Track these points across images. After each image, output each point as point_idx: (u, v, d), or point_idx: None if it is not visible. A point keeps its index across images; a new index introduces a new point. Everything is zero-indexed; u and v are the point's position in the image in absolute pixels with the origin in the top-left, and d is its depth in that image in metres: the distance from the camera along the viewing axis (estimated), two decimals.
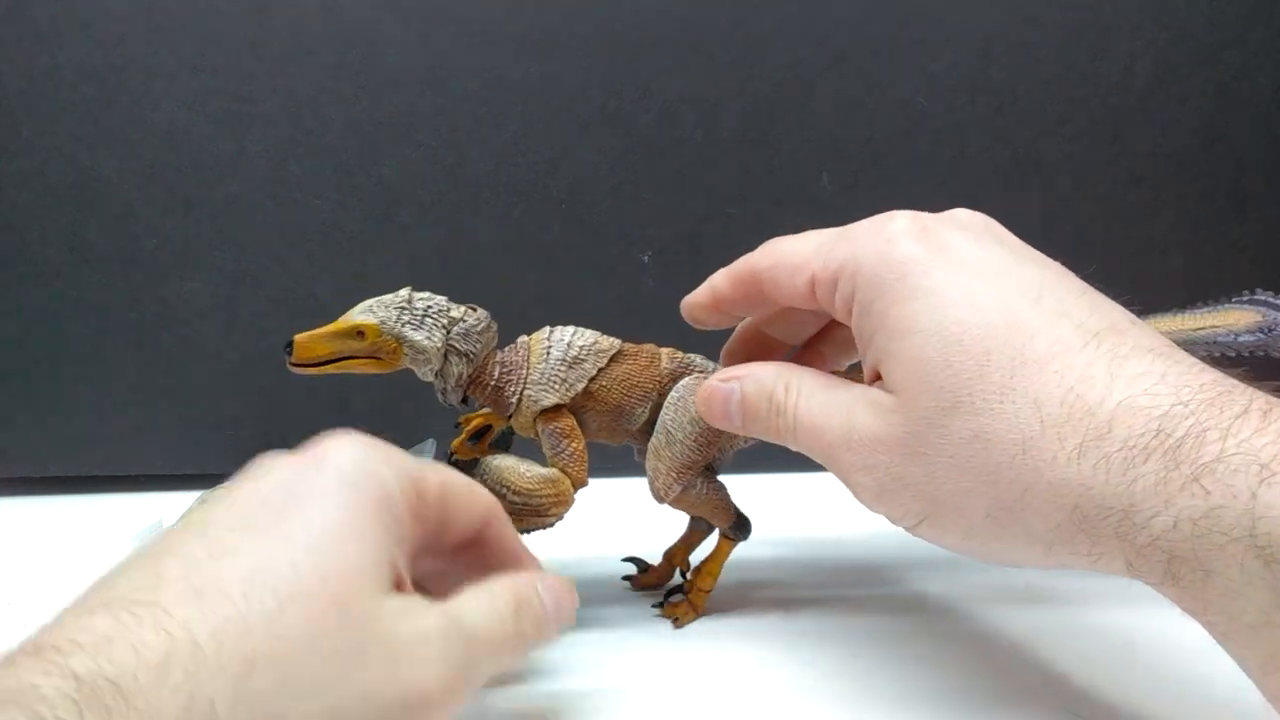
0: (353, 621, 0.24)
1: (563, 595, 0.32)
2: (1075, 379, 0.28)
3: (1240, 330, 0.39)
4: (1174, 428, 0.26)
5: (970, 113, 0.60)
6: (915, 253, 0.31)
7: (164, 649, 0.21)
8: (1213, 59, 0.60)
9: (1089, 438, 0.27)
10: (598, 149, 0.60)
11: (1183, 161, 0.61)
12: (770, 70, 0.59)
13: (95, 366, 0.61)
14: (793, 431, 0.33)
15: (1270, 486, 0.24)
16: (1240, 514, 0.24)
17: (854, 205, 0.61)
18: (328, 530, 0.25)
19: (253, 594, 0.22)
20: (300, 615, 0.23)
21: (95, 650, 0.20)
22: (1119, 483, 0.26)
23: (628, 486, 0.46)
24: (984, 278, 0.30)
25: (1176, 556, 0.25)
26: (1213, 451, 0.25)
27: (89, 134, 0.58)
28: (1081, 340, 0.28)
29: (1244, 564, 0.24)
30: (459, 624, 0.27)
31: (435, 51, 0.58)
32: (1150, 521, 0.25)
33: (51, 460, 0.63)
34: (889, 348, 0.30)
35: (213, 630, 0.21)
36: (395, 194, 0.60)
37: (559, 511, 0.39)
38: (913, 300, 0.30)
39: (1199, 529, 0.25)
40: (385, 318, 0.37)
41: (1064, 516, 0.27)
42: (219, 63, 0.57)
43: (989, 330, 0.29)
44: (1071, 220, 0.61)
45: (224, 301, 0.60)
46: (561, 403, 0.39)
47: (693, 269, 0.62)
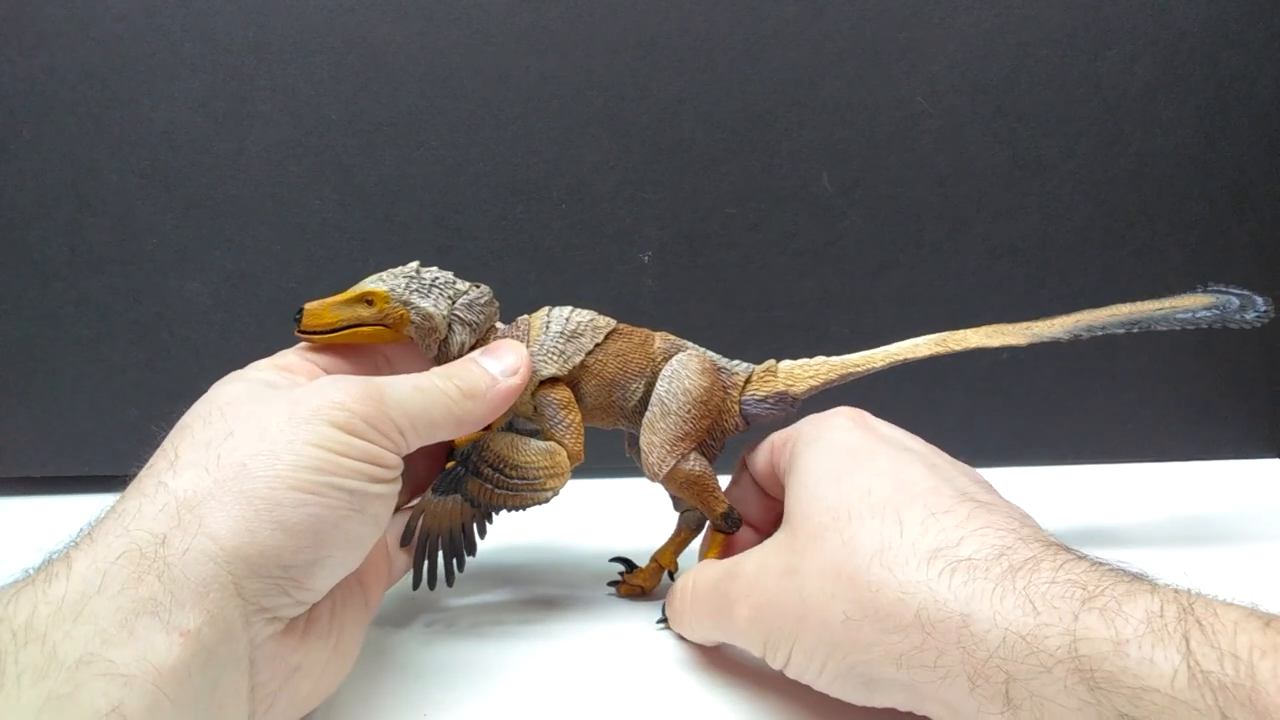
0: (251, 398, 0.33)
1: (506, 355, 0.38)
2: (941, 510, 0.31)
3: (1197, 309, 0.43)
4: (1015, 556, 0.29)
5: (970, 113, 0.60)
6: (841, 421, 0.38)
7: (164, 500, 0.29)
8: (1213, 59, 0.60)
9: (941, 547, 0.30)
10: (598, 149, 0.60)
11: (1183, 161, 0.61)
12: (770, 70, 0.59)
13: (95, 366, 0.61)
14: (692, 599, 0.38)
15: (1090, 611, 0.26)
16: (1063, 634, 0.26)
17: (854, 205, 0.61)
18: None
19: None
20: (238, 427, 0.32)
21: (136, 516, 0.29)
22: (960, 591, 0.28)
23: (618, 487, 0.46)
24: (890, 443, 0.36)
25: (1013, 678, 0.26)
26: (1045, 578, 0.28)
27: (89, 134, 0.58)
28: (956, 496, 0.32)
29: (1070, 687, 0.25)
30: (367, 378, 0.34)
31: (435, 51, 0.58)
32: (986, 634, 0.27)
33: (51, 460, 0.62)
34: (796, 480, 0.36)
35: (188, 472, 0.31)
36: (395, 194, 0.60)
37: (555, 485, 0.40)
38: (822, 446, 0.36)
39: (1027, 647, 0.26)
40: (394, 285, 0.38)
41: (910, 617, 0.29)
42: (219, 63, 0.57)
43: (877, 472, 0.34)
44: (1071, 220, 0.61)
45: (224, 301, 0.60)
46: (559, 375, 0.40)
47: (693, 269, 0.62)
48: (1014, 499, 0.34)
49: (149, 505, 0.29)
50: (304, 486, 0.30)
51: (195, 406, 0.34)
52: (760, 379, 0.42)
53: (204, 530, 0.28)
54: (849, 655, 0.31)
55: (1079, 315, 0.42)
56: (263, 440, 0.31)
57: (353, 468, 0.31)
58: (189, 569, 0.28)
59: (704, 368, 0.41)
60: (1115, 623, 0.25)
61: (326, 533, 0.31)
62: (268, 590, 0.29)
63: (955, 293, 0.62)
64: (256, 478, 0.30)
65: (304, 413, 0.32)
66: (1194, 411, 0.66)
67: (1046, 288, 0.57)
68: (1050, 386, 0.64)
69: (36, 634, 0.25)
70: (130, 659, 0.25)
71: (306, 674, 0.32)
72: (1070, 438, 0.65)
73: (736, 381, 0.42)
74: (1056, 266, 0.62)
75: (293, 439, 0.31)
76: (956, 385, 0.63)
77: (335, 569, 0.32)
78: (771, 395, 0.42)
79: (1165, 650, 0.24)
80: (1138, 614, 0.25)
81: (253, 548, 0.29)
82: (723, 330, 0.44)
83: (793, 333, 0.62)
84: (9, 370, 0.61)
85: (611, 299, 0.61)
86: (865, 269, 0.62)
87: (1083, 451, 0.66)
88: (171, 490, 0.30)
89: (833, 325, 0.62)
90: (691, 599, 0.38)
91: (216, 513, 0.29)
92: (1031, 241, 0.62)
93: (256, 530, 0.29)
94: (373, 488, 0.32)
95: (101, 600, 0.26)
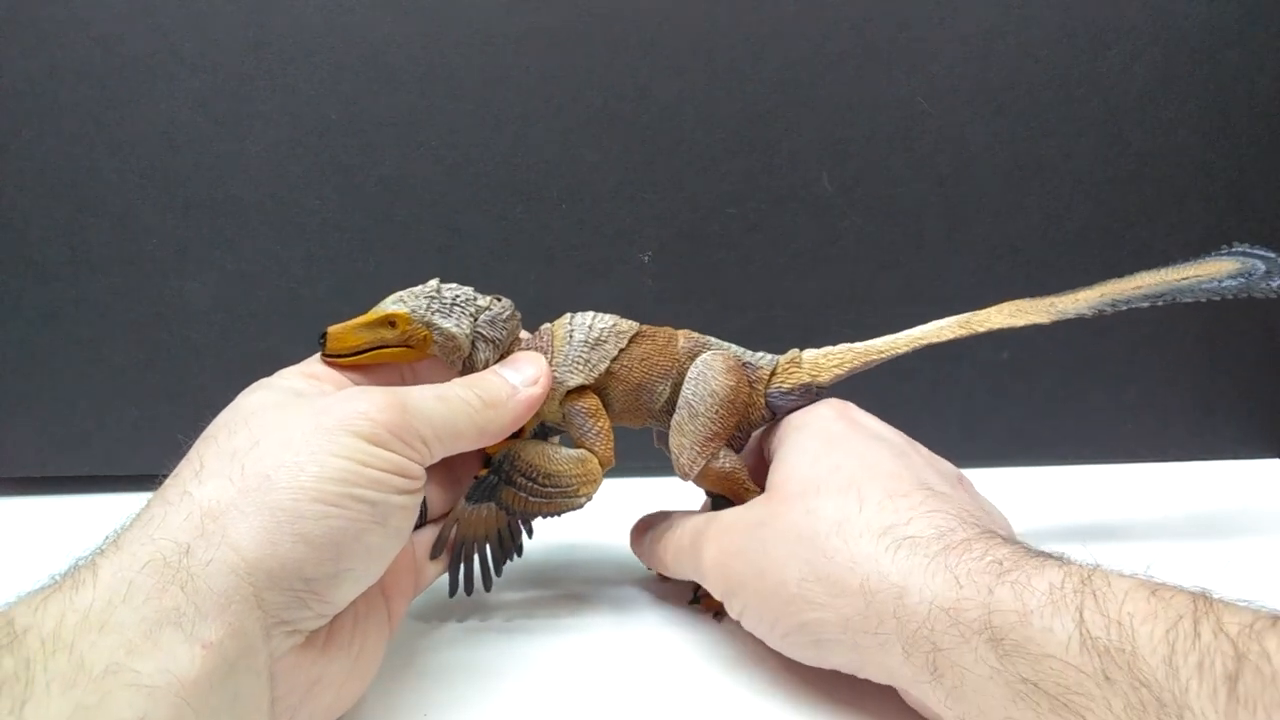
0: (277, 408, 0.33)
1: (526, 367, 0.39)
2: (898, 493, 0.34)
3: (1222, 277, 0.41)
4: (953, 537, 0.31)
5: (970, 113, 0.60)
6: (826, 410, 0.40)
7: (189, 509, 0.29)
8: (1213, 59, 0.60)
9: (892, 525, 0.32)
10: (598, 149, 0.60)
11: (1183, 161, 0.61)
12: (770, 70, 0.59)
13: (95, 366, 0.61)
14: (673, 542, 0.41)
15: (1003, 584, 0.28)
16: (979, 609, 0.28)
17: (854, 205, 0.61)
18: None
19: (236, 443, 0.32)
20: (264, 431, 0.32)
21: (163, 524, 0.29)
22: (901, 565, 0.31)
23: (651, 486, 0.46)
24: (866, 431, 0.39)
25: (938, 648, 0.29)
26: (973, 556, 0.30)
27: (89, 134, 0.58)
28: (914, 483, 0.35)
29: (982, 656, 0.27)
30: (392, 388, 0.35)
31: (435, 51, 0.58)
32: (916, 607, 0.29)
33: (51, 460, 0.62)
34: (780, 456, 0.38)
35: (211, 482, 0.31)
36: (395, 194, 0.60)
37: (589, 491, 0.40)
38: (806, 430, 0.39)
39: (950, 619, 0.28)
40: (415, 306, 0.38)
41: (856, 585, 0.31)
42: (219, 63, 0.57)
43: (849, 453, 0.37)
44: (1071, 220, 0.61)
45: (224, 301, 0.60)
46: (586, 383, 0.40)
47: (693, 269, 0.62)
48: (1014, 499, 0.35)
49: (174, 514, 0.29)
50: (327, 499, 0.30)
51: (222, 415, 0.34)
52: (785, 371, 0.42)
53: (227, 541, 0.29)
54: (800, 613, 0.33)
55: (1103, 287, 0.42)
56: (287, 450, 0.31)
57: (376, 479, 0.32)
58: (212, 580, 0.28)
59: (729, 366, 0.41)
60: (1023, 595, 0.27)
61: (348, 545, 0.31)
62: (289, 603, 0.30)
63: (955, 293, 0.62)
64: (280, 489, 0.30)
65: (329, 423, 0.32)
66: (1194, 411, 0.66)
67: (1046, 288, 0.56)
68: (1050, 386, 0.64)
69: (64, 642, 0.25)
70: (154, 670, 0.26)
71: (327, 686, 0.32)
72: (1070, 438, 0.65)
73: (762, 375, 0.42)
74: (1056, 266, 0.62)
75: (317, 450, 0.31)
76: (957, 385, 0.63)
77: (357, 581, 0.32)
78: (798, 387, 0.42)
79: (1062, 619, 0.26)
80: (1042, 586, 0.27)
81: (275, 560, 0.29)
82: (723, 330, 0.44)
83: (793, 333, 0.62)
84: (9, 370, 0.61)
85: (611, 299, 0.61)
86: (865, 269, 0.62)
87: (1083, 451, 0.66)
88: (196, 499, 0.30)
89: (833, 325, 0.62)
90: (676, 537, 0.41)
91: (239, 523, 0.29)
92: (1031, 241, 0.62)
93: (279, 542, 0.29)
94: (395, 499, 0.32)
95: (127, 610, 0.26)
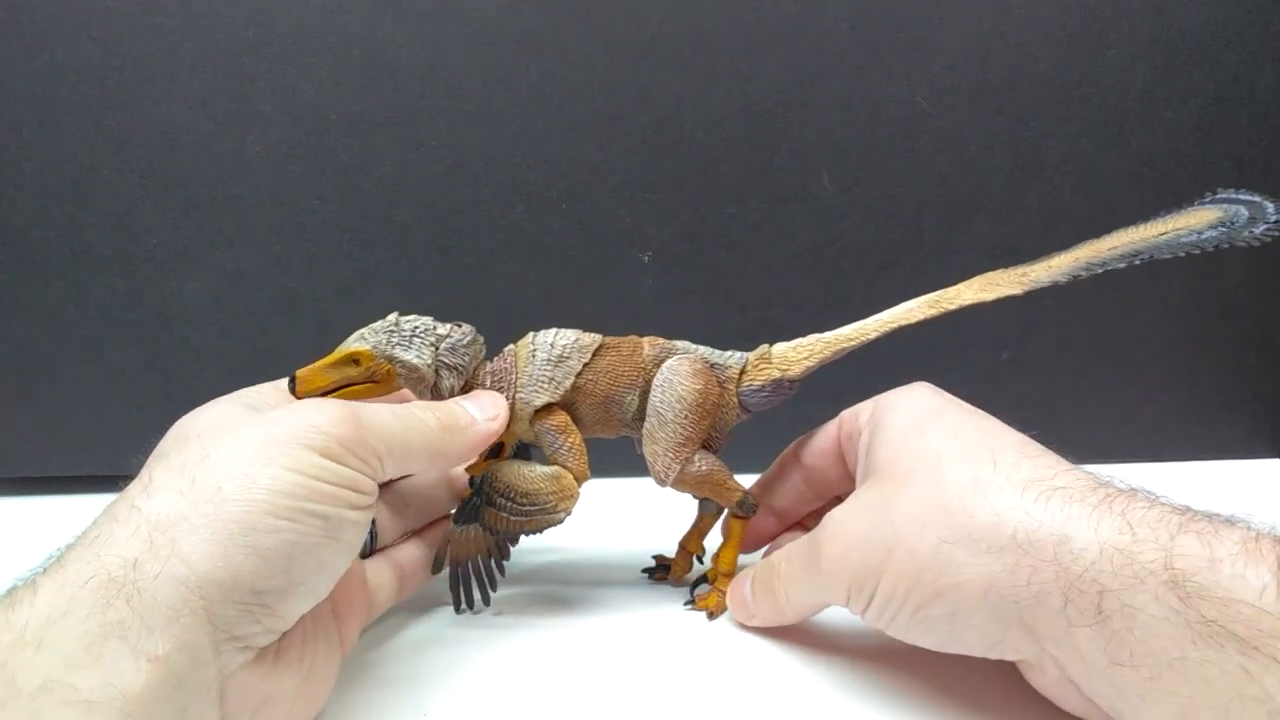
0: (228, 422, 0.33)
1: (485, 402, 0.39)
2: (1034, 454, 0.34)
3: (1203, 228, 0.39)
4: (1111, 489, 0.31)
5: (970, 113, 0.60)
6: (919, 387, 0.39)
7: (135, 524, 0.29)
8: (1213, 59, 0.60)
9: (1034, 479, 0.32)
10: (598, 149, 0.60)
11: (1183, 161, 0.61)
12: (770, 70, 0.59)
13: (95, 366, 0.61)
14: (784, 575, 0.38)
15: (1186, 533, 0.28)
16: (1159, 551, 0.28)
17: (854, 205, 0.61)
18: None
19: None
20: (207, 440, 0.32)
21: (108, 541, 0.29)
22: (1057, 514, 0.30)
23: (636, 486, 0.46)
24: (964, 404, 0.38)
25: (1106, 589, 0.28)
26: (1140, 507, 0.30)
27: (89, 134, 0.58)
28: (1043, 448, 0.35)
29: (1161, 597, 0.27)
30: (346, 402, 0.34)
31: (435, 51, 0.58)
32: (1083, 550, 0.29)
33: (51, 460, 0.63)
34: (879, 439, 0.37)
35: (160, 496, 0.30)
36: (395, 194, 0.60)
37: (566, 506, 0.40)
38: (903, 409, 0.38)
39: (1124, 559, 0.28)
40: (376, 342, 0.38)
41: (1006, 538, 0.30)
42: (219, 63, 0.57)
43: (961, 423, 0.36)
44: (1071, 220, 0.61)
45: (224, 301, 0.60)
46: (552, 400, 0.40)
47: (693, 269, 0.62)
48: None
49: (121, 530, 0.29)
50: (279, 512, 0.30)
51: (171, 431, 0.34)
52: (755, 368, 0.42)
53: (177, 554, 0.28)
54: (938, 578, 0.31)
55: (1077, 251, 0.41)
56: (239, 463, 0.30)
57: (329, 493, 0.31)
58: (160, 593, 0.27)
59: (695, 370, 0.41)
60: (1211, 544, 0.27)
61: (300, 559, 0.30)
62: (239, 617, 0.29)
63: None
64: (232, 501, 0.29)
65: (281, 436, 0.31)
66: (1194, 411, 0.66)
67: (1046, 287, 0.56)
68: (1050, 386, 0.64)
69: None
70: (95, 684, 0.25)
71: (277, 705, 0.32)
72: (1070, 438, 0.65)
73: (731, 375, 0.42)
74: None
75: (270, 462, 0.30)
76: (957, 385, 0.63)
77: (307, 596, 0.32)
78: (768, 383, 0.41)
79: (1257, 569, 0.26)
80: (1233, 538, 0.27)
81: (226, 572, 0.28)
82: (723, 330, 0.44)
83: (793, 333, 0.62)
84: (9, 370, 0.61)
85: (611, 299, 0.61)
86: (865, 269, 0.62)
87: (1083, 451, 0.65)
88: (145, 514, 0.29)
89: (833, 325, 0.62)
90: (785, 562, 0.38)
91: (190, 536, 0.29)
92: (1031, 241, 0.62)
93: (230, 555, 0.29)
94: (348, 514, 0.32)
95: (67, 624, 0.26)
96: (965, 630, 0.32)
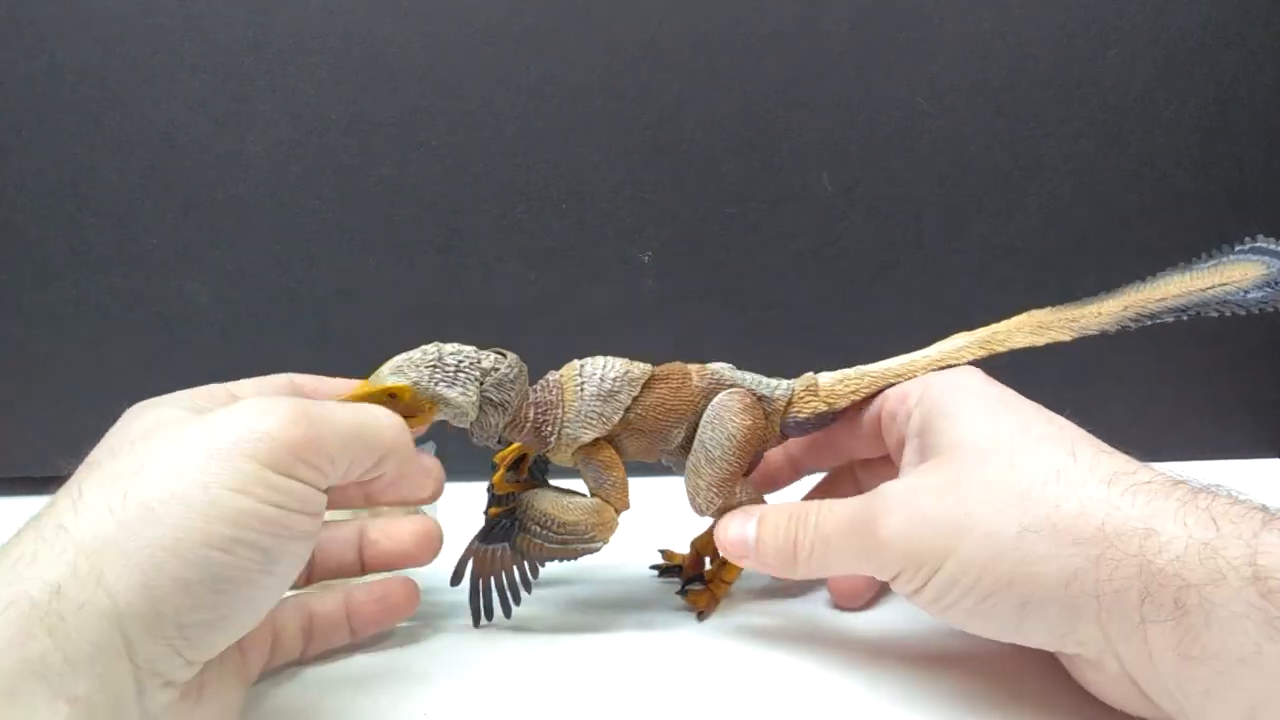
0: (169, 426, 0.31)
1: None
2: (1107, 450, 0.33)
3: (1248, 286, 0.39)
4: (1193, 485, 0.31)
5: (970, 113, 0.60)
6: (975, 372, 0.39)
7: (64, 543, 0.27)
8: (1213, 59, 0.60)
9: (1118, 473, 0.31)
10: (598, 149, 0.60)
11: (1183, 161, 0.61)
12: (770, 70, 0.59)
13: (95, 366, 0.61)
14: (814, 532, 0.36)
15: (1271, 530, 0.28)
16: (1243, 547, 0.28)
17: (854, 205, 0.61)
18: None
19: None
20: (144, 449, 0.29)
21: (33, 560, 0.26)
22: (1143, 507, 0.30)
23: (656, 486, 0.46)
24: (1034, 404, 0.37)
25: (1187, 584, 0.28)
26: (1224, 502, 0.30)
27: (89, 134, 0.58)
28: (1110, 447, 0.34)
29: (1242, 593, 0.27)
30: (296, 398, 0.32)
31: (435, 51, 0.58)
32: (1169, 543, 0.29)
33: (51, 460, 0.62)
34: (941, 416, 0.36)
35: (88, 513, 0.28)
36: (395, 194, 0.60)
37: (605, 537, 0.40)
38: (963, 391, 0.37)
39: (1209, 552, 0.28)
40: (418, 379, 0.35)
41: (1093, 530, 0.30)
42: (219, 63, 0.57)
43: (1030, 413, 0.36)
44: (1071, 220, 0.61)
45: (224, 301, 0.60)
46: (601, 435, 0.39)
47: (693, 269, 0.62)
48: None
49: (46, 550, 0.26)
50: (214, 542, 0.27)
51: (107, 437, 0.32)
52: (801, 399, 0.41)
53: (102, 583, 0.26)
54: (1015, 566, 0.30)
55: (1126, 299, 0.40)
56: (176, 477, 0.28)
57: (272, 519, 0.28)
58: (84, 626, 0.25)
59: (745, 406, 0.40)
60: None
61: (230, 593, 0.28)
62: (161, 654, 0.27)
63: (955, 293, 0.62)
64: (164, 525, 0.27)
65: (224, 444, 0.28)
66: (1194, 411, 0.66)
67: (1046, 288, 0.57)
68: (1051, 386, 0.64)
69: None
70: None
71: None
72: None
73: (778, 407, 0.41)
74: (1056, 267, 0.62)
75: (210, 481, 0.27)
76: None
77: (232, 630, 0.29)
78: (814, 416, 0.41)
79: None
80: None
81: (148, 606, 0.26)
82: (723, 330, 0.44)
83: (793, 333, 0.62)
84: (9, 370, 0.61)
85: (611, 299, 0.61)
86: (865, 269, 0.62)
87: None
88: (72, 535, 0.26)
89: (833, 325, 0.62)
90: (823, 521, 0.36)
91: (116, 563, 0.26)
92: (1031, 241, 0.62)
93: (155, 586, 0.26)
94: (289, 546, 0.29)
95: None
96: (1035, 621, 0.31)
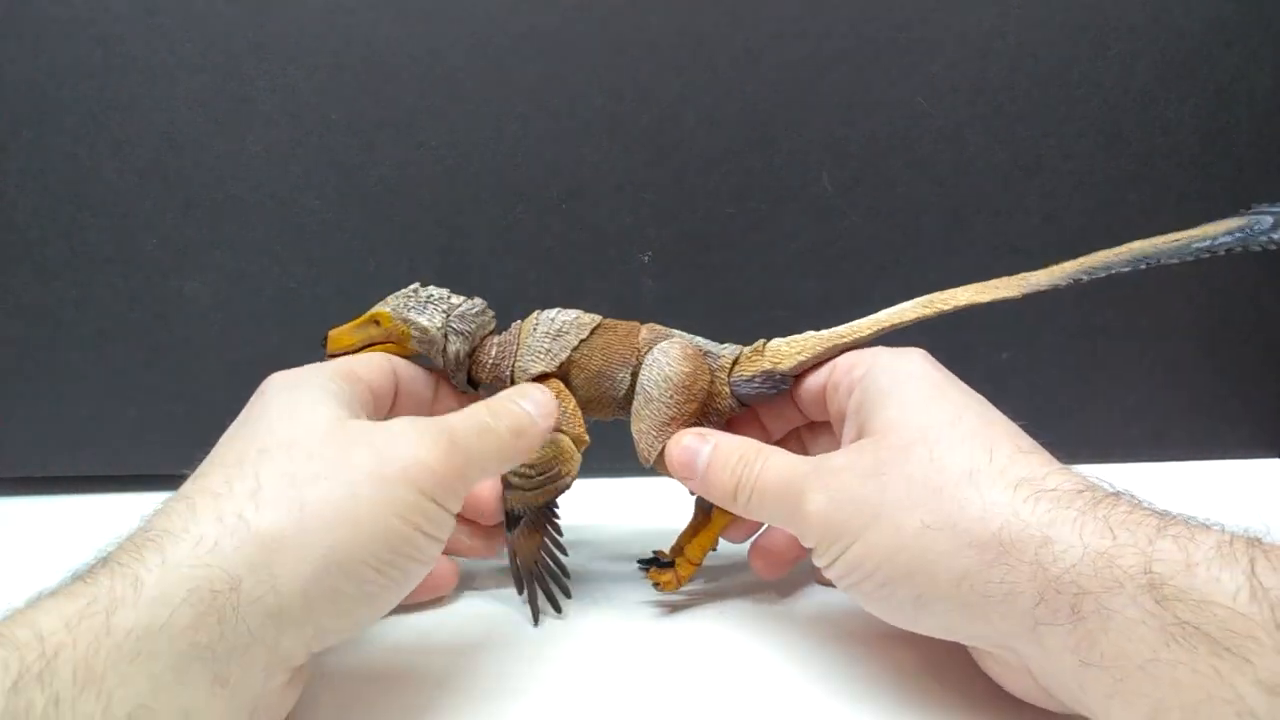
0: (335, 432, 0.32)
1: (538, 397, 0.38)
2: (1027, 450, 0.34)
3: (1218, 234, 0.39)
4: (1097, 493, 0.31)
5: (970, 113, 0.60)
6: (918, 355, 0.39)
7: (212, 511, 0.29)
8: (1213, 59, 0.60)
9: (1027, 478, 0.32)
10: (598, 149, 0.60)
11: (1183, 161, 0.61)
12: (770, 70, 0.59)
13: (95, 366, 0.61)
14: (755, 480, 0.37)
15: (1164, 537, 0.29)
16: (1138, 555, 0.28)
17: (854, 205, 0.61)
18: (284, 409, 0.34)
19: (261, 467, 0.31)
20: (295, 449, 0.31)
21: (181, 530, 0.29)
22: (1044, 516, 0.30)
23: (637, 486, 0.46)
24: (961, 384, 0.38)
25: (1083, 591, 0.29)
26: (1123, 510, 0.30)
27: (89, 134, 0.58)
28: (1034, 443, 0.35)
29: (1138, 600, 0.28)
30: (436, 420, 0.34)
31: (435, 51, 0.58)
32: (1064, 553, 0.29)
33: (51, 460, 0.62)
34: (880, 396, 0.37)
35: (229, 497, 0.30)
36: (395, 194, 0.60)
37: (570, 469, 0.42)
38: (904, 373, 0.37)
39: (1105, 562, 0.29)
40: (395, 305, 0.42)
41: (989, 535, 0.30)
42: (219, 63, 0.57)
43: (963, 404, 0.36)
44: (1071, 220, 0.61)
45: (224, 301, 0.60)
46: (548, 370, 0.42)
47: (693, 269, 0.62)
48: None
49: (227, 539, 0.28)
50: (373, 561, 0.30)
51: (271, 422, 0.33)
52: (748, 359, 0.43)
53: (275, 581, 0.28)
54: (912, 560, 0.32)
55: (1082, 259, 0.41)
56: (350, 498, 0.30)
57: (421, 545, 0.32)
58: (248, 619, 0.28)
59: (685, 354, 0.42)
60: (1187, 548, 0.28)
61: (370, 604, 0.31)
62: (295, 647, 0.30)
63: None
64: (335, 539, 0.29)
65: (392, 472, 0.31)
66: (1195, 411, 0.66)
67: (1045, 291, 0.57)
68: (1050, 386, 0.64)
69: (96, 674, 0.25)
70: (173, 710, 0.26)
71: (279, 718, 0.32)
72: (1070, 438, 0.65)
73: (724, 364, 0.43)
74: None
75: (379, 508, 0.30)
76: None
77: (354, 631, 0.33)
78: (759, 375, 0.42)
79: (1231, 571, 0.27)
80: (1208, 542, 0.28)
81: (304, 610, 0.29)
82: (723, 330, 0.44)
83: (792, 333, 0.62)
84: (9, 370, 0.61)
85: (611, 299, 0.61)
86: (865, 269, 0.62)
87: (1083, 451, 0.65)
88: (253, 528, 0.29)
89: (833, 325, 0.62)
90: (764, 472, 0.37)
91: (288, 565, 0.29)
92: (1031, 241, 0.62)
93: (314, 594, 0.29)
94: (424, 567, 0.33)
95: (162, 641, 0.26)
96: (929, 615, 0.32)
